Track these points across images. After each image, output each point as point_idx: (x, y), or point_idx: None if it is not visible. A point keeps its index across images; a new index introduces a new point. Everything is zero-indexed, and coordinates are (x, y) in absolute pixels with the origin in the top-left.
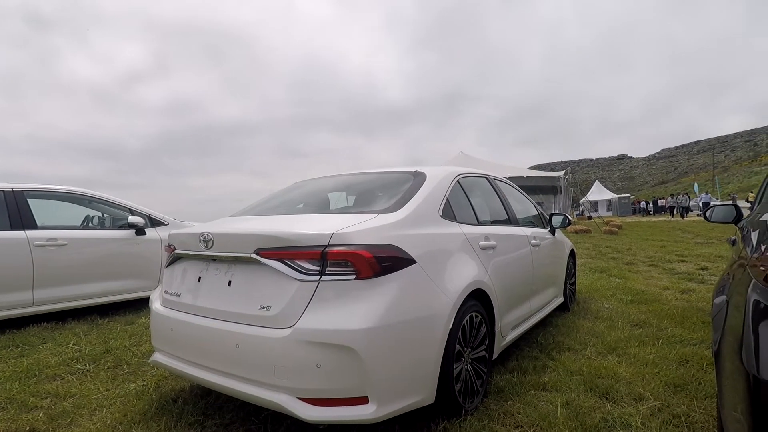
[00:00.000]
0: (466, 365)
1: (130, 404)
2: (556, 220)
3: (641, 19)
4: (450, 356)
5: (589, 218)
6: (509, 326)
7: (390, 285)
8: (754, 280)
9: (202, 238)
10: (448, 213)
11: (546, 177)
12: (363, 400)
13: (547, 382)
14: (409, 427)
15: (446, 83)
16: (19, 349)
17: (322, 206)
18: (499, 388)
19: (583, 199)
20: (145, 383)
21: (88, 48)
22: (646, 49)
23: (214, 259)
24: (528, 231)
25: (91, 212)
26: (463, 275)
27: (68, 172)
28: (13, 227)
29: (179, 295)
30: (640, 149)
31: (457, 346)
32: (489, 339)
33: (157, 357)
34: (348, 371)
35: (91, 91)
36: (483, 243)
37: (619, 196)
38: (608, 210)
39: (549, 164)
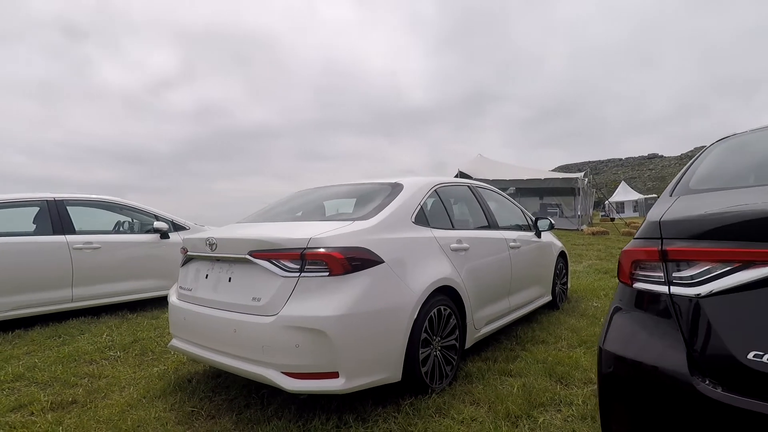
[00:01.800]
0: (435, 351)
1: (153, 383)
2: (542, 224)
3: (671, 12)
4: (416, 342)
5: (612, 219)
6: (484, 320)
7: (359, 281)
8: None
9: (208, 242)
10: (422, 219)
11: (564, 179)
12: (334, 375)
13: (512, 370)
14: (381, 401)
15: (469, 84)
16: (61, 338)
17: (318, 213)
18: (468, 373)
19: (609, 200)
20: (166, 367)
21: (120, 56)
22: (676, 44)
23: (218, 260)
24: (509, 234)
25: (122, 218)
26: (430, 274)
27: (100, 177)
28: (55, 232)
29: (191, 290)
30: (672, 148)
31: (424, 334)
32: (460, 330)
33: (175, 342)
34: (321, 351)
35: (122, 98)
36: (455, 245)
37: (645, 196)
38: (635, 211)
39: (575, 164)
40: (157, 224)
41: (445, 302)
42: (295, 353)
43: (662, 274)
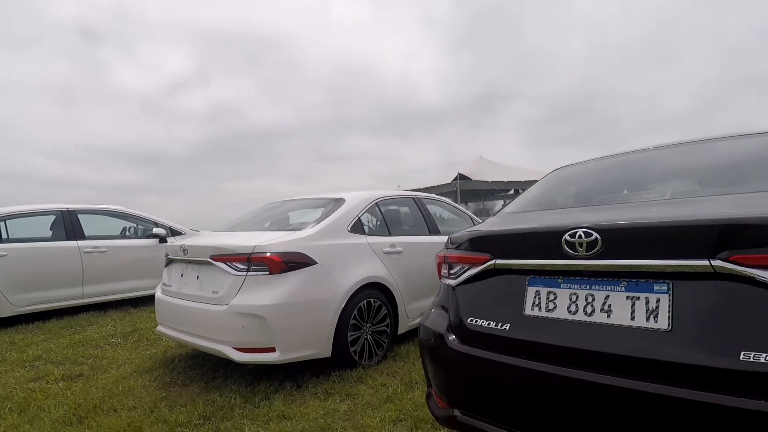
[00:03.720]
0: (367, 335)
1: (144, 362)
2: None
3: (689, 8)
4: (344, 327)
5: None
6: (417, 311)
7: (293, 278)
8: None
9: (181, 248)
10: (358, 228)
11: None
12: (272, 350)
13: None
14: (316, 373)
15: (483, 83)
16: (72, 328)
17: (282, 223)
18: (398, 353)
19: None
20: (156, 351)
21: (135, 59)
22: (694, 41)
23: (189, 262)
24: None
25: (125, 225)
26: (358, 272)
27: (117, 179)
28: (68, 238)
29: (170, 286)
30: None
31: (353, 320)
32: (391, 319)
33: (160, 328)
34: (261, 331)
35: (138, 100)
36: (387, 249)
37: None
38: None
39: None
40: (156, 230)
41: (375, 295)
42: (242, 333)
43: (446, 272)
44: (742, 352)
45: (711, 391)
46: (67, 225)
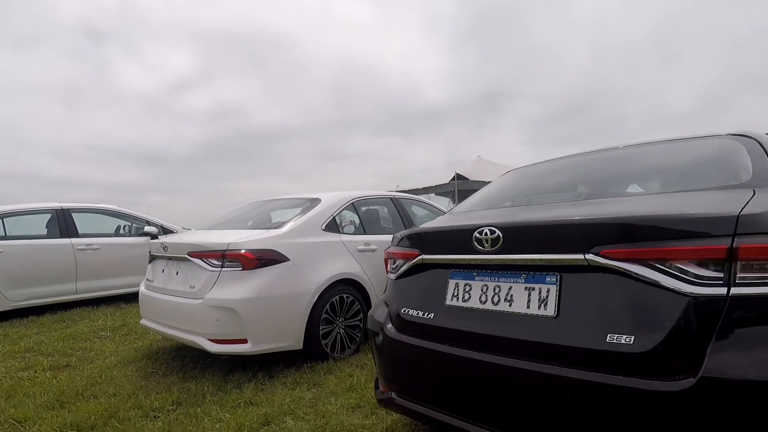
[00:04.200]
0: (339, 329)
1: (129, 354)
2: None
3: (693, 6)
4: (316, 320)
5: None
6: None
7: (266, 273)
8: None
9: (162, 246)
10: (332, 227)
11: None
12: (244, 341)
13: None
14: (289, 364)
15: (487, 82)
16: (65, 323)
17: (265, 221)
18: (370, 347)
19: None
20: (142, 344)
21: (140, 59)
22: (698, 39)
23: (170, 258)
24: None
25: (118, 223)
26: (331, 269)
27: (122, 179)
28: (62, 236)
29: (153, 281)
30: None
31: (325, 315)
32: (364, 314)
33: (143, 321)
34: (234, 323)
35: (142, 100)
36: (361, 247)
37: None
38: None
39: None
40: (147, 228)
41: (348, 291)
42: (216, 325)
43: (389, 267)
44: (608, 335)
45: (585, 369)
46: (62, 223)
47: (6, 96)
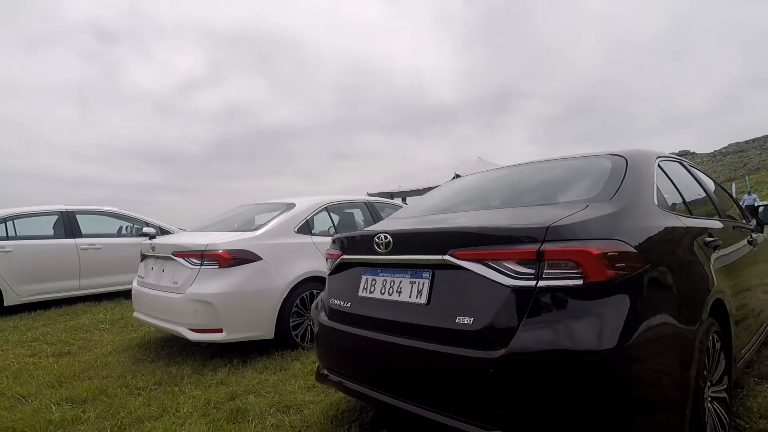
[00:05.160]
0: (309, 321)
1: (123, 342)
2: None
3: (706, 3)
4: (286, 313)
5: None
6: None
7: (239, 271)
8: None
9: (150, 246)
10: (305, 229)
11: None
12: (219, 330)
13: None
14: (264, 351)
15: (496, 81)
16: (69, 316)
17: (248, 223)
18: None
19: None
20: (137, 335)
21: (150, 59)
22: (710, 37)
23: (158, 257)
24: None
25: (119, 225)
26: (301, 268)
27: (133, 178)
28: (67, 236)
29: (143, 278)
30: (705, 144)
31: (296, 308)
32: None
33: (135, 314)
34: (210, 315)
35: (153, 101)
36: None
37: None
38: None
39: None
40: (146, 229)
41: (318, 288)
42: (195, 316)
43: (327, 265)
44: (458, 317)
45: (443, 344)
46: (66, 224)
47: (19, 97)
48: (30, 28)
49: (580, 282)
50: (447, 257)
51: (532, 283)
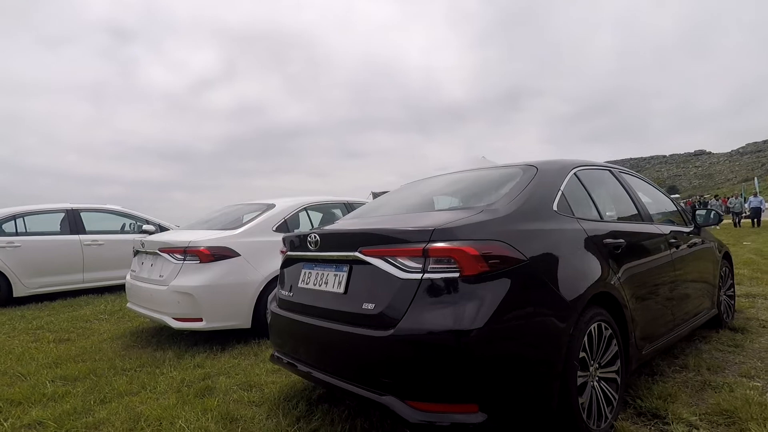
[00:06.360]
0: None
1: (119, 331)
2: None
3: (722, 1)
4: (263, 305)
5: None
6: None
7: (219, 266)
8: None
9: (141, 242)
10: (283, 228)
11: None
12: (200, 319)
13: None
14: (243, 340)
15: (510, 79)
16: (72, 307)
17: (236, 222)
18: None
19: None
20: (133, 325)
21: (164, 57)
22: (728, 35)
23: (147, 253)
24: None
25: (121, 222)
26: (277, 263)
27: (147, 175)
28: (71, 233)
29: (135, 272)
30: (721, 144)
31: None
32: None
33: (129, 305)
34: (191, 305)
35: (167, 98)
36: None
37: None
38: None
39: (616, 161)
40: (145, 227)
41: None
42: (178, 306)
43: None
44: (364, 304)
45: (353, 326)
46: (71, 221)
47: (38, 95)
48: (48, 28)
49: (457, 275)
50: (357, 254)
51: (419, 276)
